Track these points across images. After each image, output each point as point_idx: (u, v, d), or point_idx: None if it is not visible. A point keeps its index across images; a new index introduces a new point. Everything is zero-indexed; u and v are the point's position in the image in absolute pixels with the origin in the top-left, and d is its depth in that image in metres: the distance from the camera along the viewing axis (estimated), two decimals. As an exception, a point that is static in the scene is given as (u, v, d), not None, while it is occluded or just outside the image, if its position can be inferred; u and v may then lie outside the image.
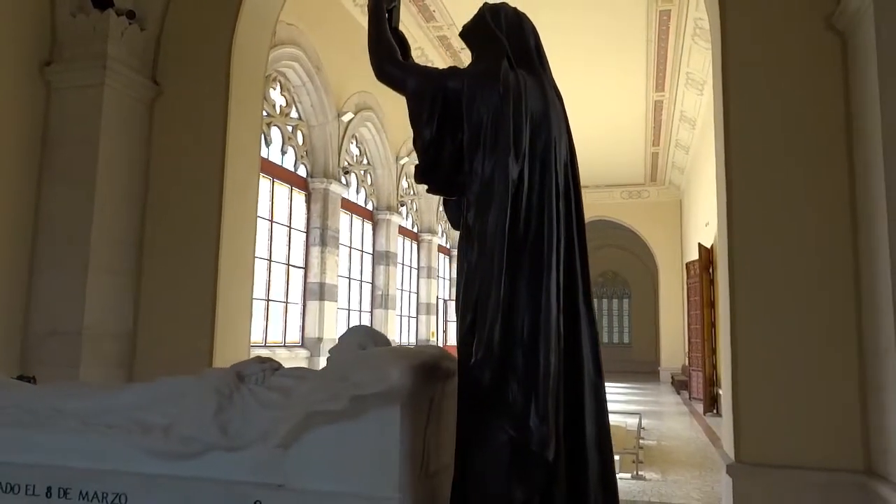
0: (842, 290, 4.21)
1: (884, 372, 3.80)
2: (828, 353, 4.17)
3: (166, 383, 2.21)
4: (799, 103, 4.52)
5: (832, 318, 4.18)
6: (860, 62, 4.19)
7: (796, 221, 4.39)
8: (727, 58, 4.81)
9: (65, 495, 2.02)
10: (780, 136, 4.54)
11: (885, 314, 3.74)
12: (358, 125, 10.82)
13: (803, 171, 4.46)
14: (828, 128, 4.43)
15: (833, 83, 4.45)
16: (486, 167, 1.95)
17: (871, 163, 3.93)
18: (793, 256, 4.35)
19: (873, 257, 3.91)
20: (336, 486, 1.78)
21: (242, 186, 6.24)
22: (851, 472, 4.10)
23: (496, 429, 1.84)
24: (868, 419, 4.05)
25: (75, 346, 5.50)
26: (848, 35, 4.43)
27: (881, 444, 3.83)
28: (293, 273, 9.59)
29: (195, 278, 5.91)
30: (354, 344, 2.12)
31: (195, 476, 1.94)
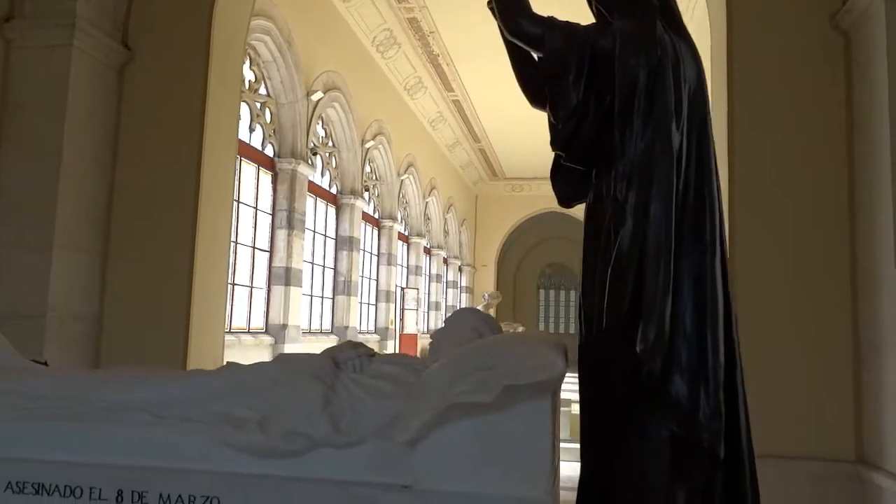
0: (838, 282, 4.29)
1: (880, 364, 3.88)
2: (822, 345, 4.25)
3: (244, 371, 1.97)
4: (801, 100, 4.58)
5: (828, 310, 4.26)
6: (865, 61, 4.24)
7: (795, 216, 4.46)
8: (732, 53, 4.82)
9: (140, 499, 1.76)
10: (781, 133, 4.59)
11: (882, 307, 3.81)
12: (325, 105, 10.48)
13: (803, 169, 4.53)
14: (829, 126, 4.51)
15: (835, 81, 4.51)
16: (645, 135, 1.79)
17: (876, 161, 3.99)
18: (790, 249, 4.42)
19: (872, 252, 3.98)
20: (476, 487, 1.60)
21: (220, 165, 5.94)
22: (844, 461, 4.19)
23: (656, 424, 1.71)
24: (861, 410, 4.14)
25: (38, 328, 5.14)
26: (852, 34, 4.49)
27: (875, 434, 3.91)
28: (258, 256, 9.21)
29: (169, 260, 5.60)
30: (468, 329, 1.95)
31: (301, 476, 1.72)
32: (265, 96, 9.36)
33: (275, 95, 9.49)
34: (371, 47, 11.96)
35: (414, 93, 14.12)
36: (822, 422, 4.20)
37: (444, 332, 1.99)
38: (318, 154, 10.92)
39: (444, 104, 15.10)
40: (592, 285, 1.92)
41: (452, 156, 17.99)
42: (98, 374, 2.11)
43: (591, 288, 1.93)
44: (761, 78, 4.62)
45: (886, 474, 3.68)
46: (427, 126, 15.65)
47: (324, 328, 11.26)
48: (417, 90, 14.11)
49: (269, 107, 9.47)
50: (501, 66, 11.25)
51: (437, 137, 16.52)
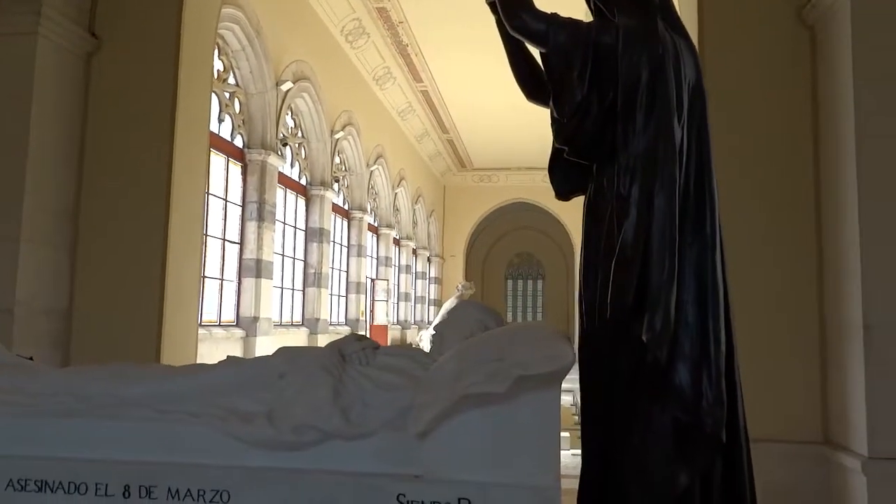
0: (805, 268, 4.42)
1: (847, 346, 4.00)
2: (790, 329, 4.37)
3: (248, 365, 1.97)
4: (768, 93, 4.68)
5: (796, 294, 4.38)
6: (830, 56, 4.36)
7: (762, 206, 4.57)
8: (702, 47, 4.92)
9: (148, 494, 1.75)
10: (748, 125, 4.70)
11: (849, 292, 3.93)
12: (294, 96, 10.37)
13: (771, 159, 4.65)
14: (795, 119, 4.62)
15: (802, 74, 4.62)
16: (647, 130, 1.83)
17: (841, 153, 4.11)
18: (758, 236, 4.52)
19: (837, 238, 4.10)
20: (487, 476, 1.63)
21: (192, 157, 5.86)
22: (811, 443, 4.32)
23: (659, 411, 1.76)
24: (827, 392, 4.27)
25: (6, 323, 5.03)
26: (818, 30, 4.61)
27: (841, 416, 4.01)
28: (229, 249, 9.11)
29: (141, 254, 5.52)
30: (473, 321, 1.98)
31: (312, 468, 1.73)
32: (234, 86, 9.24)
33: (244, 85, 9.37)
34: (340, 37, 11.87)
35: (383, 83, 14.06)
36: (791, 405, 4.34)
37: (447, 324, 2.02)
38: (287, 145, 10.82)
39: (412, 95, 15.06)
40: (594, 277, 1.96)
41: (421, 147, 17.98)
42: (94, 370, 2.08)
43: (592, 280, 1.97)
44: (729, 70, 4.72)
45: (853, 455, 3.82)
46: (396, 117, 15.60)
47: (294, 320, 11.19)
48: (386, 81, 14.04)
49: (238, 97, 9.35)
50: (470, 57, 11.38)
51: (406, 128, 16.48)
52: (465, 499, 1.60)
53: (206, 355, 7.39)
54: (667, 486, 1.73)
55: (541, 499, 1.59)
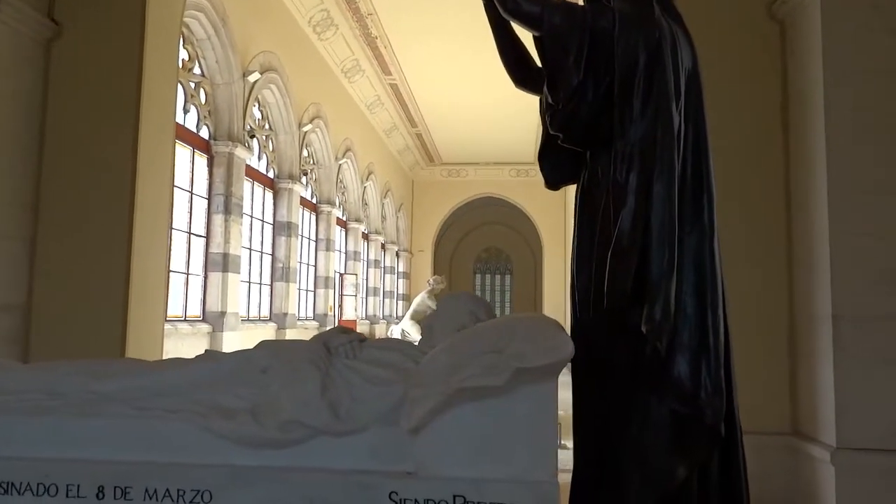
0: (775, 257, 4.46)
1: (816, 337, 4.05)
2: (760, 321, 4.41)
3: (228, 359, 1.88)
4: (739, 88, 4.70)
5: (765, 285, 4.42)
6: (800, 51, 4.40)
7: (732, 197, 4.59)
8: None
9: (124, 495, 1.65)
10: (718, 118, 4.71)
11: (819, 284, 3.97)
12: (261, 87, 10.18)
13: (741, 153, 4.68)
14: (765, 112, 4.66)
15: (772, 69, 4.66)
16: (645, 116, 1.79)
17: (810, 147, 4.15)
18: (728, 227, 4.55)
19: (807, 228, 4.15)
20: (482, 472, 1.57)
21: (158, 147, 5.70)
22: (780, 434, 4.36)
23: (657, 403, 1.74)
24: (797, 383, 4.32)
25: (-40, 319, 4.84)
26: (787, 24, 4.65)
27: (810, 407, 4.05)
28: (194, 242, 8.90)
29: (105, 247, 5.36)
30: (464, 313, 1.92)
31: (300, 466, 1.66)
32: (199, 76, 9.02)
33: (210, 75, 9.15)
34: (308, 28, 11.68)
35: (351, 76, 13.90)
36: (760, 395, 4.37)
37: (438, 316, 1.96)
38: (255, 137, 10.62)
39: (381, 88, 14.93)
40: (587, 267, 1.93)
41: (389, 140, 17.85)
42: (65, 365, 1.97)
43: (585, 269, 1.94)
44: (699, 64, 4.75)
45: (821, 445, 3.86)
46: (365, 110, 15.45)
47: (262, 315, 11.01)
48: (355, 73, 13.89)
49: (204, 87, 9.13)
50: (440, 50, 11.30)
51: (375, 122, 16.34)
52: (460, 496, 1.55)
53: (171, 351, 7.21)
54: (666, 478, 1.70)
55: (538, 494, 1.55)
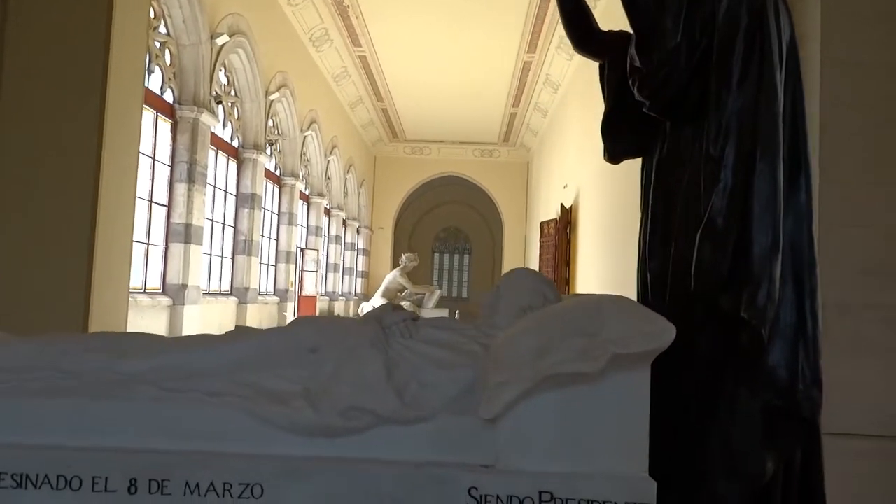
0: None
1: None
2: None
3: (268, 337, 1.69)
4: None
5: None
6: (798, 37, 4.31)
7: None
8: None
9: (160, 489, 1.46)
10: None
11: None
12: (229, 51, 9.74)
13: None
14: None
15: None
16: (745, 84, 1.64)
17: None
18: None
19: None
20: (569, 466, 1.43)
21: (126, 109, 5.40)
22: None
23: (748, 394, 1.63)
24: None
25: None
26: (789, 6, 4.57)
27: None
28: (156, 211, 8.50)
29: (67, 215, 5.07)
30: (529, 291, 1.77)
31: (363, 457, 1.49)
32: (165, 36, 8.56)
33: (175, 36, 8.70)
34: (278, -9, 11.25)
35: (319, 45, 13.47)
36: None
37: (499, 294, 1.80)
38: (221, 103, 10.18)
39: (349, 59, 14.53)
40: (663, 248, 1.80)
41: (354, 114, 17.46)
42: (72, 339, 1.75)
43: (660, 250, 1.82)
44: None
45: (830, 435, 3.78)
46: (331, 81, 15.04)
47: (223, 289, 10.65)
48: (323, 43, 13.47)
49: (170, 47, 8.68)
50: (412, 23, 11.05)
51: (340, 94, 15.94)
52: (547, 492, 1.41)
53: (131, 325, 6.88)
54: (755, 473, 1.61)
55: (634, 491, 1.42)
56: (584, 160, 11.75)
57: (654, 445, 1.67)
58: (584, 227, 11.77)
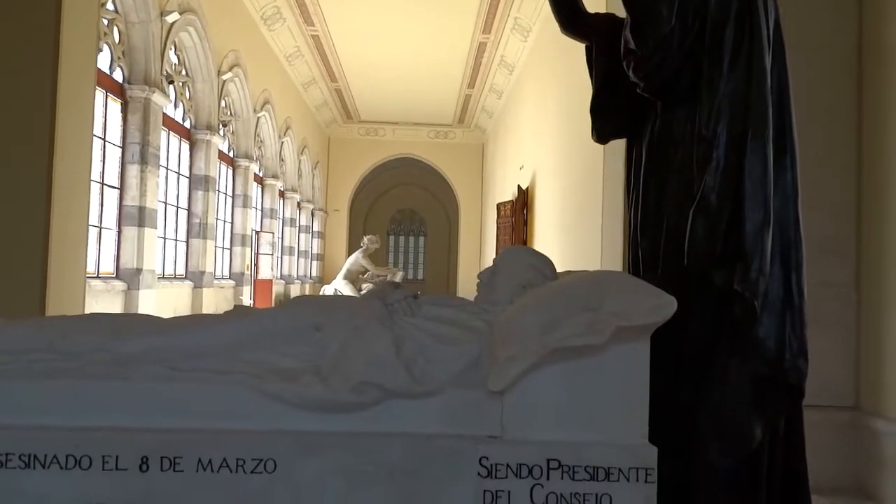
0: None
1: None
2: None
3: (270, 316, 1.69)
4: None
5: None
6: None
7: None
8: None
9: (172, 467, 1.46)
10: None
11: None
12: (179, 29, 9.47)
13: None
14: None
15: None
16: (737, 67, 1.71)
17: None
18: None
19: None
20: (571, 435, 1.49)
21: (77, 87, 5.25)
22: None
23: (737, 364, 1.72)
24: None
25: None
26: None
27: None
28: (108, 194, 8.26)
29: (20, 197, 4.93)
30: (526, 268, 1.81)
31: (374, 431, 1.52)
32: (113, 13, 8.27)
33: (124, 13, 8.41)
34: (230, -32, 10.96)
35: (271, 24, 13.20)
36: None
37: (497, 271, 1.85)
38: (172, 83, 9.90)
39: (302, 39, 14.28)
40: (655, 226, 1.88)
41: (307, 95, 17.20)
42: (65, 321, 1.72)
43: (652, 229, 1.89)
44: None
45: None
46: (283, 61, 14.76)
47: (178, 273, 10.44)
48: (275, 21, 13.20)
49: (118, 25, 8.39)
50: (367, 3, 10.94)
51: (293, 74, 15.67)
52: (555, 459, 1.48)
53: (88, 310, 6.71)
54: (746, 439, 1.71)
55: (636, 456, 1.50)
56: (541, 141, 11.88)
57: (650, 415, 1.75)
58: (540, 207, 11.93)
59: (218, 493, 1.48)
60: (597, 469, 1.48)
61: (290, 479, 1.49)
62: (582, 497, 1.47)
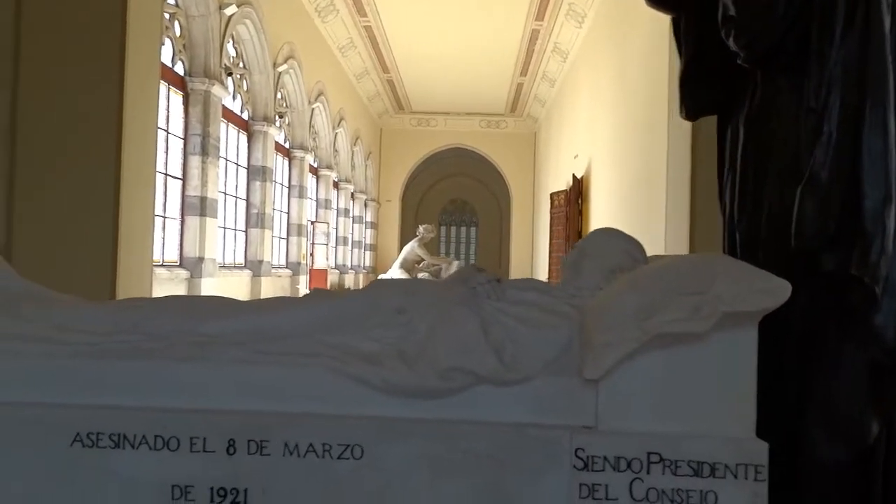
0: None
1: None
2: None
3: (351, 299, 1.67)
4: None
5: None
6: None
7: None
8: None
9: (259, 450, 1.46)
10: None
11: None
12: (237, 22, 9.60)
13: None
14: None
15: None
16: (851, 32, 1.54)
17: None
18: None
19: None
20: (672, 427, 1.41)
21: (143, 80, 5.37)
22: None
23: (851, 352, 1.60)
24: None
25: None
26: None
27: None
28: (171, 184, 8.45)
29: (90, 189, 5.06)
30: (619, 250, 1.74)
31: (464, 419, 1.48)
32: (174, 6, 8.43)
33: (184, 6, 8.57)
34: (285, -40, 11.06)
35: (325, 16, 13.28)
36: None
37: (585, 254, 1.77)
38: (231, 75, 10.07)
39: (355, 30, 14.34)
40: (755, 206, 1.77)
41: (360, 86, 17.29)
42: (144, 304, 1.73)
43: (752, 209, 1.78)
44: None
45: None
46: (337, 53, 14.85)
47: (237, 262, 10.65)
48: (329, 13, 13.28)
49: (179, 19, 8.55)
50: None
51: (346, 66, 15.76)
52: (655, 453, 1.40)
53: (153, 297, 6.89)
54: (860, 432, 1.59)
55: (744, 452, 1.41)
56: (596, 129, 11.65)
57: None
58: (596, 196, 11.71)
59: (305, 478, 1.45)
60: (701, 464, 1.39)
61: (377, 465, 1.45)
62: (686, 494, 1.38)
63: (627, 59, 8.89)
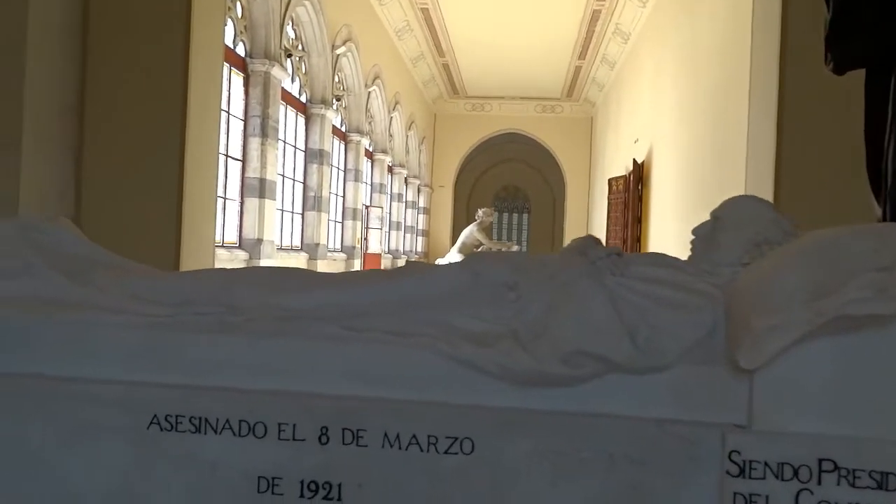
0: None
1: None
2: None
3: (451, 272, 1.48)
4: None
5: None
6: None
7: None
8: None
9: (355, 440, 1.29)
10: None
11: None
12: (295, 4, 9.52)
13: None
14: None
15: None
16: None
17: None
18: None
19: None
20: (849, 429, 1.17)
21: (207, 63, 5.32)
22: None
23: None
24: None
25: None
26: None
27: None
28: (231, 165, 8.45)
29: (155, 166, 5.07)
30: (766, 220, 1.50)
31: (593, 412, 1.29)
32: (236, -14, 8.40)
33: (246, -14, 8.53)
34: (343, -60, 10.94)
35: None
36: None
37: (721, 226, 1.54)
38: (290, 57, 10.01)
39: (412, 12, 14.15)
40: None
41: (415, 70, 17.12)
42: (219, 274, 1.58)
43: None
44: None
45: None
46: (393, 36, 14.70)
47: (294, 245, 10.65)
48: (386, -6, 13.14)
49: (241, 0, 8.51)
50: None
51: (402, 49, 15.60)
52: (829, 460, 1.17)
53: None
54: None
55: None
56: (659, 113, 11.22)
57: None
58: (658, 182, 11.30)
59: (407, 473, 1.28)
60: (886, 475, 1.15)
61: (490, 462, 1.26)
62: (867, 509, 1.15)
63: (698, 35, 8.47)
